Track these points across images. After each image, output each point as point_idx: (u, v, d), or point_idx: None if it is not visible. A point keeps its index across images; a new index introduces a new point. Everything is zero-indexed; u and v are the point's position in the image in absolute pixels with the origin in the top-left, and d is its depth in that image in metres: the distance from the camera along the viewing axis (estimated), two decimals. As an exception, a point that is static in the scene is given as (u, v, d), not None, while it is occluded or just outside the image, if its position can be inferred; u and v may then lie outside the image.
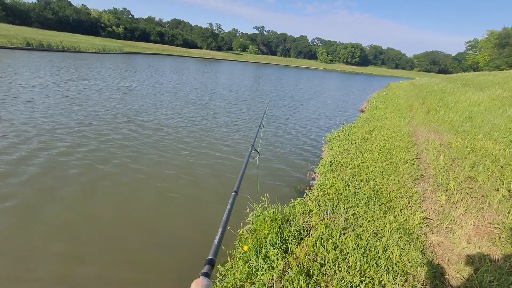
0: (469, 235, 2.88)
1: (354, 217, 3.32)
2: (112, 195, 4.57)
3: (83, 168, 5.25)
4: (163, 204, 4.50)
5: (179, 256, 3.44)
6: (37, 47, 31.55)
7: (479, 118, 7.44)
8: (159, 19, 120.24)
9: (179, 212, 4.36)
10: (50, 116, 8.06)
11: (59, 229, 3.66)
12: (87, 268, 3.12)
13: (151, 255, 3.41)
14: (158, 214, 4.25)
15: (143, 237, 3.71)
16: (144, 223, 3.98)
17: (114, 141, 6.77)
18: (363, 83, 43.92)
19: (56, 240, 3.47)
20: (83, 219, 3.91)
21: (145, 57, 45.87)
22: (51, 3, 64.60)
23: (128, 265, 3.22)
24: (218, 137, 8.08)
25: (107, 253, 3.37)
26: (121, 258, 3.32)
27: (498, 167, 4.07)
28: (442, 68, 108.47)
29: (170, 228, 3.95)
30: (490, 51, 65.47)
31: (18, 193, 4.28)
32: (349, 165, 4.98)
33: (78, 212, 4.05)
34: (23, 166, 5.03)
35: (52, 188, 4.53)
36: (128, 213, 4.16)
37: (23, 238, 3.44)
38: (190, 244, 3.64)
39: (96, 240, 3.56)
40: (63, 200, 4.27)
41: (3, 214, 3.82)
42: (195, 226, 4.06)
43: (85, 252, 3.34)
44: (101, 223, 3.88)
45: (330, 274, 2.41)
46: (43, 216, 3.86)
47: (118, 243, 3.56)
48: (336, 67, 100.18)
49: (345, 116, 13.88)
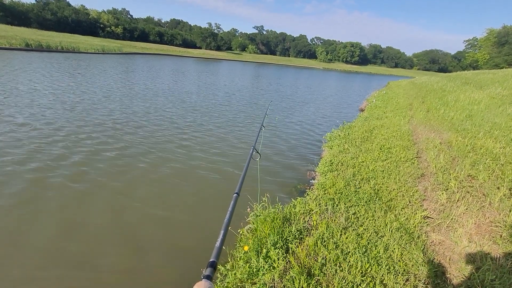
0: (470, 233, 2.88)
1: (354, 217, 3.31)
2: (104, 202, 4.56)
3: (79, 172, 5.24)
4: (163, 206, 4.49)
5: (180, 257, 3.43)
6: (36, 48, 31.51)
7: (479, 116, 7.42)
8: (158, 19, 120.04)
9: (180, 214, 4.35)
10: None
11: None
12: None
13: (152, 256, 3.40)
14: (157, 216, 4.24)
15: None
16: (139, 230, 3.97)
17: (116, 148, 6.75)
18: (362, 82, 43.91)
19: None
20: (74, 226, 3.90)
21: (145, 57, 45.77)
22: (49, 3, 64.47)
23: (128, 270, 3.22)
24: (221, 138, 8.08)
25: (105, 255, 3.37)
26: (115, 263, 3.31)
27: (498, 166, 4.06)
28: (442, 67, 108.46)
29: (169, 233, 3.94)
30: (489, 49, 65.42)
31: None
32: (349, 164, 4.97)
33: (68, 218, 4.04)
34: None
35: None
36: (123, 216, 4.16)
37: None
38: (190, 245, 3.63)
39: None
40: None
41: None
42: (196, 226, 4.05)
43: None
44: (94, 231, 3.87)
45: (331, 274, 2.41)
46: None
47: (114, 246, 3.55)
48: (336, 66, 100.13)
49: (345, 115, 13.87)
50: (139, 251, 3.46)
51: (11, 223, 3.70)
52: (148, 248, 3.52)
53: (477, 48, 77.87)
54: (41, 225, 3.70)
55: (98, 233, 3.69)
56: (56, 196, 4.37)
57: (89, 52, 38.07)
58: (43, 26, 58.28)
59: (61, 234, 3.59)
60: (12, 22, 53.85)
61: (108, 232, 3.73)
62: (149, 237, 3.72)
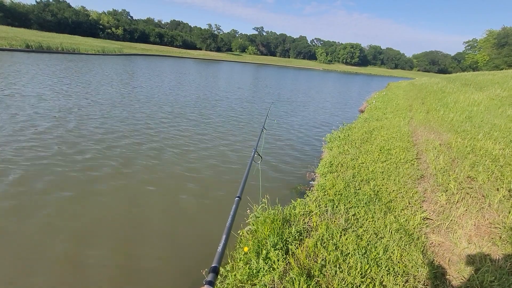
0: (470, 235, 2.88)
1: (354, 218, 3.32)
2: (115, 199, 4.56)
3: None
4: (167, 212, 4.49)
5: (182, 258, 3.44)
6: (37, 49, 31.57)
7: (479, 117, 7.44)
8: (158, 20, 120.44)
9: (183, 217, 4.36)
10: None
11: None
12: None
13: (152, 257, 3.40)
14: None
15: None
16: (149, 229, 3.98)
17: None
18: (362, 84, 43.96)
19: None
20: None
21: (145, 58, 45.83)
22: (50, 5, 64.68)
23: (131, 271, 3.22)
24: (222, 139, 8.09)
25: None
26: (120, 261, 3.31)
27: (498, 167, 4.07)
28: (442, 68, 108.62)
29: (169, 235, 3.95)
30: (489, 50, 65.62)
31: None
32: (349, 166, 4.98)
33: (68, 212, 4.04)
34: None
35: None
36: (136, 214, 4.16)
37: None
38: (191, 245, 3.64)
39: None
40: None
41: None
42: (196, 227, 4.05)
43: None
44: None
45: (331, 275, 2.41)
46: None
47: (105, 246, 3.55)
48: (336, 68, 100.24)
49: (344, 116, 13.89)
50: (140, 250, 3.46)
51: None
52: (148, 249, 3.52)
53: (476, 50, 78.12)
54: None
55: (96, 234, 3.70)
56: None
57: (89, 53, 38.14)
58: (44, 27, 58.48)
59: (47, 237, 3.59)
60: (12, 23, 54.05)
61: (109, 233, 3.74)
62: (149, 237, 3.72)
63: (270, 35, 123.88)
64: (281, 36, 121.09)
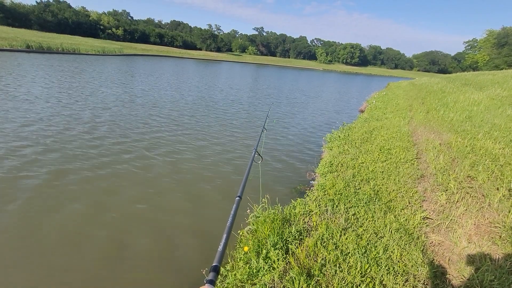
0: (470, 234, 2.88)
1: (354, 217, 3.32)
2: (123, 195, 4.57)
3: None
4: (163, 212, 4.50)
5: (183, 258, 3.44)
6: (37, 50, 31.60)
7: (479, 117, 7.43)
8: (158, 21, 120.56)
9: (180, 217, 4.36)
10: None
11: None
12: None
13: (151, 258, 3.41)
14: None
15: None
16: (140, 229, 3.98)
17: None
18: (362, 84, 43.96)
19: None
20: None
21: (145, 59, 45.85)
22: (50, 5, 64.78)
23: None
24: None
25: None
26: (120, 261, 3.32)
27: (498, 166, 4.07)
28: (442, 68, 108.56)
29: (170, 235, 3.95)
30: (489, 50, 65.62)
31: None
32: (349, 165, 4.98)
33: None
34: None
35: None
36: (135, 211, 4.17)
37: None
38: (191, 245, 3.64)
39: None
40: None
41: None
42: (197, 228, 4.06)
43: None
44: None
45: (331, 275, 2.41)
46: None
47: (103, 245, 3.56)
48: (336, 68, 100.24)
49: (344, 116, 13.89)
50: (139, 251, 3.47)
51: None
52: (149, 248, 3.53)
53: (476, 49, 78.12)
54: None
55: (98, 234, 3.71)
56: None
57: (89, 53, 38.17)
58: (44, 28, 58.56)
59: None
60: (13, 23, 54.13)
61: (108, 235, 3.75)
62: (149, 238, 3.73)
63: (270, 35, 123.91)
64: (281, 36, 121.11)
